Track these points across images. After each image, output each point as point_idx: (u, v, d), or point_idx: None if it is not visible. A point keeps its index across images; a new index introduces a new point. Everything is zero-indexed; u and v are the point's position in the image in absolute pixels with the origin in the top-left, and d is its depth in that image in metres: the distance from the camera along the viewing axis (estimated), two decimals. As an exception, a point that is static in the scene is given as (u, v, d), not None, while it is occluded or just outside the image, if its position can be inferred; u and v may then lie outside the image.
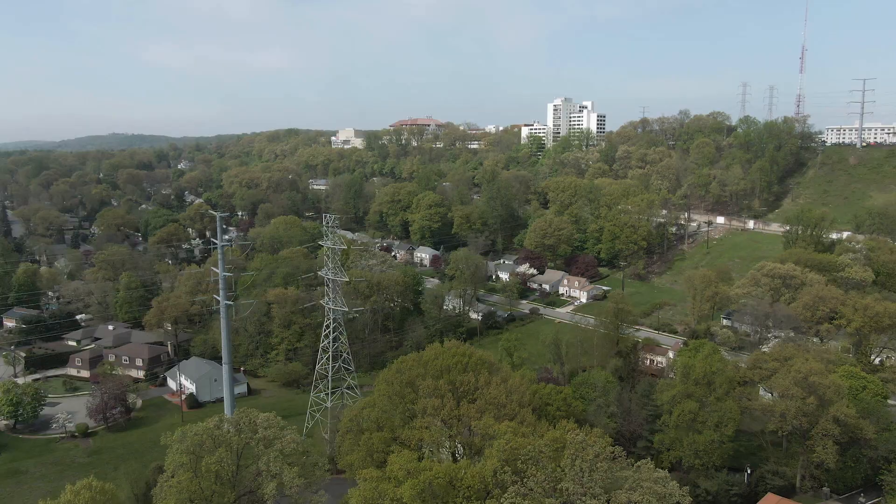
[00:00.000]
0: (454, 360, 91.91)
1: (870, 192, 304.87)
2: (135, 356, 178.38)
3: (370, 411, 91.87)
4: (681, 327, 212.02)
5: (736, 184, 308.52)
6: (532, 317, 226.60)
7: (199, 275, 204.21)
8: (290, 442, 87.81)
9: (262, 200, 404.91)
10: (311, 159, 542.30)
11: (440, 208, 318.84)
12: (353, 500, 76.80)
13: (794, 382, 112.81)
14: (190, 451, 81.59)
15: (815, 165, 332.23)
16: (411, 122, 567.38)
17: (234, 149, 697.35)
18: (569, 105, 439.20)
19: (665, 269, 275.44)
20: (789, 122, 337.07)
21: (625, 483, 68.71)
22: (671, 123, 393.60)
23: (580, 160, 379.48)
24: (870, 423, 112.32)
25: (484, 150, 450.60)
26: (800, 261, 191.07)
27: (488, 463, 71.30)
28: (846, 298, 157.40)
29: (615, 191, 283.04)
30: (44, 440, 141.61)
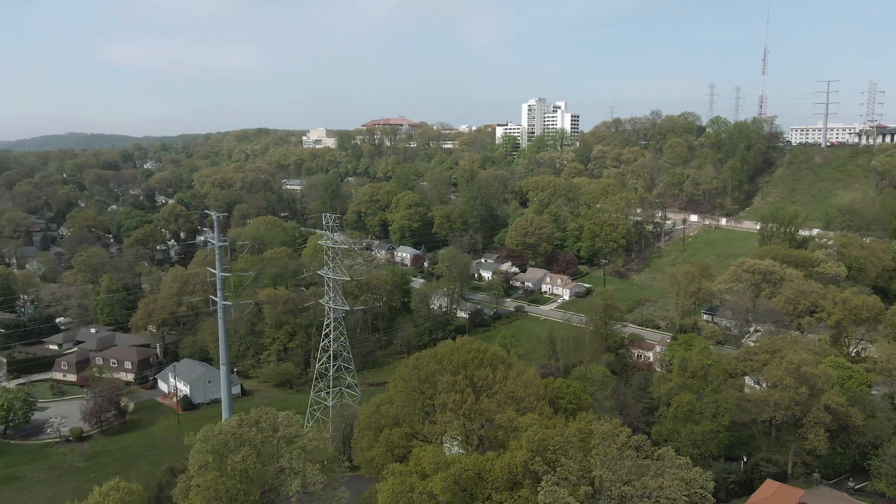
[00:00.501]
0: (470, 356, 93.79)
1: (835, 191, 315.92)
2: (123, 359, 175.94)
3: (388, 408, 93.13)
4: (663, 323, 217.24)
5: (709, 183, 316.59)
6: (518, 314, 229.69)
7: (185, 276, 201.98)
8: (311, 440, 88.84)
9: (237, 201, 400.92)
10: (283, 159, 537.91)
11: (420, 208, 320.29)
12: (381, 495, 78.08)
13: (786, 373, 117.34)
14: (215, 450, 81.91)
15: (783, 165, 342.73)
16: (384, 121, 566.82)
17: (203, 149, 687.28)
18: (543, 105, 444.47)
19: (643, 266, 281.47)
20: (758, 122, 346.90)
21: (649, 470, 71.43)
22: (643, 123, 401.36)
23: (555, 160, 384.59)
24: (857, 411, 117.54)
25: (459, 150, 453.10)
26: (777, 257, 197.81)
27: (518, 454, 73.33)
28: (826, 292, 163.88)
29: (594, 190, 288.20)
30: (37, 445, 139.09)
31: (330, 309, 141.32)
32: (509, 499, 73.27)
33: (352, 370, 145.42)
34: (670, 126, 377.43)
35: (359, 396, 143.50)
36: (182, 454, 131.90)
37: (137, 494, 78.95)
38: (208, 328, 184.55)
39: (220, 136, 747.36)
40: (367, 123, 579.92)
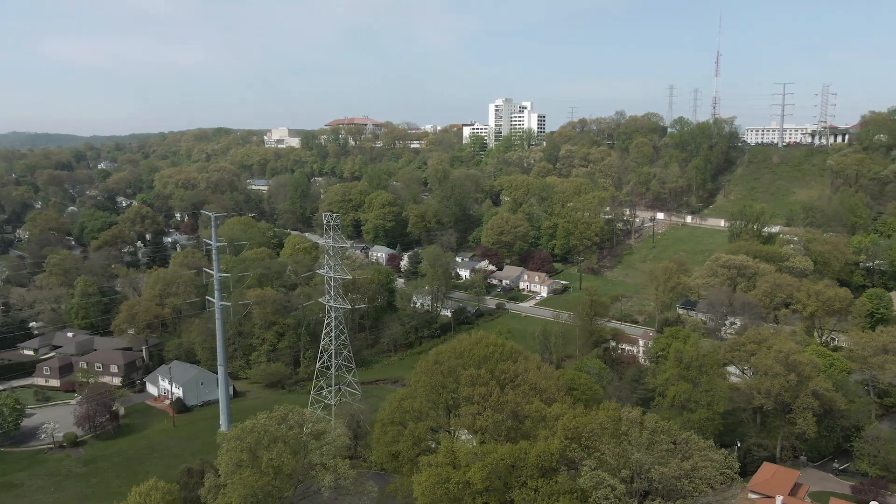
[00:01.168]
0: (490, 350, 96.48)
1: (793, 189, 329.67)
2: (109, 363, 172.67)
3: (411, 402, 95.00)
4: (641, 317, 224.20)
5: (674, 181, 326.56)
6: (499, 311, 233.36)
7: (168, 277, 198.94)
8: (339, 436, 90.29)
9: (203, 201, 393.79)
10: (246, 159, 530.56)
11: (393, 207, 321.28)
12: (417, 487, 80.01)
13: (775, 361, 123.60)
14: (249, 447, 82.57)
15: (743, 164, 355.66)
16: (348, 121, 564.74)
17: (160, 149, 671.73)
18: (509, 105, 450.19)
19: (615, 263, 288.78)
20: (719, 123, 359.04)
21: (677, 453, 75.32)
22: (608, 124, 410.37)
23: (524, 159, 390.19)
24: (841, 396, 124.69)
25: (427, 150, 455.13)
26: (748, 252, 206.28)
27: (553, 442, 76.32)
28: (800, 285, 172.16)
29: (567, 189, 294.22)
30: (30, 452, 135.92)
31: (331, 308, 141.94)
32: (545, 485, 76.14)
33: (352, 368, 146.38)
34: (634, 126, 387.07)
35: (359, 394, 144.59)
36: (182, 457, 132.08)
37: (174, 494, 79.00)
38: (196, 330, 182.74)
39: (176, 135, 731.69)
40: (331, 123, 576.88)
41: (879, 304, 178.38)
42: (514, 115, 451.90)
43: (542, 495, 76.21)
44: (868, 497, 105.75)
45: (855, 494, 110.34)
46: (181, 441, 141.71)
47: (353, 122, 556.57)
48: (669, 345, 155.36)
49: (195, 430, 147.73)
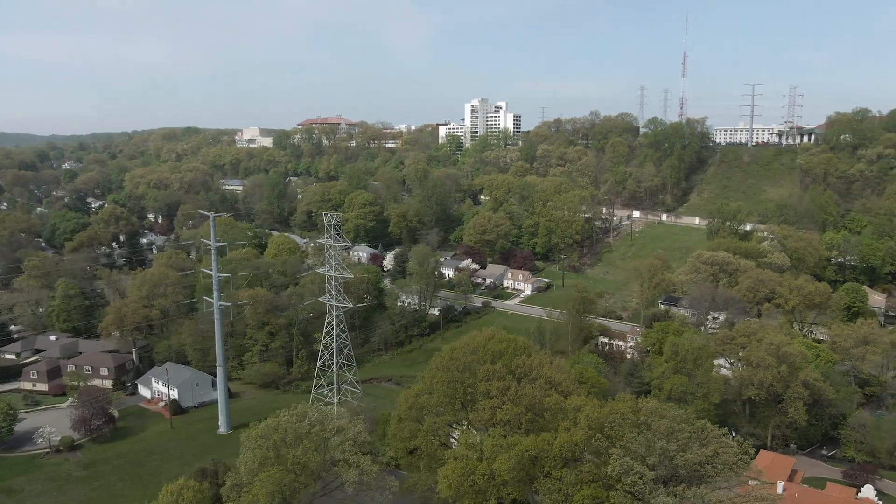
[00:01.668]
0: (504, 346, 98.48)
1: (763, 187, 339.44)
2: (98, 365, 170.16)
3: (428, 398, 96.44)
4: (625, 314, 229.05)
5: (650, 180, 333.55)
6: (486, 309, 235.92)
7: (154, 278, 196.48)
8: (360, 432, 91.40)
9: (177, 202, 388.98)
10: (218, 159, 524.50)
11: (374, 207, 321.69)
12: (443, 480, 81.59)
13: (767, 353, 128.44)
14: (275, 445, 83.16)
15: (715, 163, 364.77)
16: (321, 120, 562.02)
17: (127, 148, 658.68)
18: (485, 105, 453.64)
19: (595, 261, 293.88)
20: (691, 123, 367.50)
21: (695, 440, 78.31)
22: (582, 123, 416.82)
23: (501, 158, 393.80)
24: (829, 385, 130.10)
25: (403, 150, 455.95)
26: (728, 249, 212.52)
27: (577, 433, 78.64)
28: (782, 280, 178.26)
29: (547, 188, 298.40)
30: (26, 456, 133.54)
31: (332, 307, 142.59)
32: (568, 475, 78.45)
33: (353, 367, 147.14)
34: (609, 126, 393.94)
35: (360, 392, 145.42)
36: (183, 458, 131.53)
37: (205, 492, 79.24)
38: (186, 331, 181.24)
39: (143, 134, 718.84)
40: (304, 122, 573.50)
41: (856, 297, 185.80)
42: (490, 115, 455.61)
43: (565, 484, 78.59)
44: (859, 482, 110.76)
45: (846, 479, 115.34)
46: (180, 443, 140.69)
47: (326, 122, 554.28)
48: (660, 339, 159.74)
49: (193, 432, 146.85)
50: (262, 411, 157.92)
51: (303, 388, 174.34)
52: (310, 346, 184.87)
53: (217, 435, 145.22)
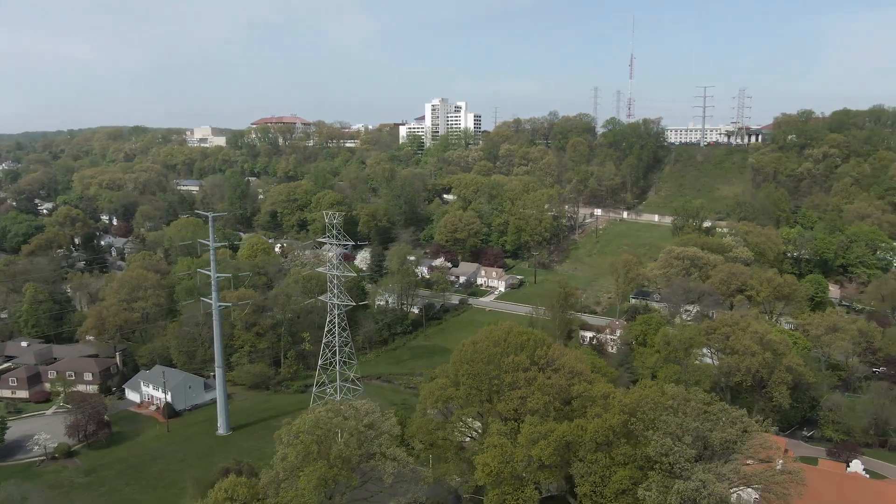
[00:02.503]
0: (525, 338, 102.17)
1: (717, 185, 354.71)
2: (82, 370, 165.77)
3: (454, 390, 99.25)
4: (599, 308, 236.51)
5: (611, 179, 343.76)
6: (463, 307, 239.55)
7: (134, 280, 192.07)
8: (393, 426, 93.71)
9: (133, 203, 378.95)
10: (170, 159, 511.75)
11: (342, 207, 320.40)
12: (482, 468, 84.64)
13: (753, 341, 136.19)
14: (318, 440, 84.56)
15: (670, 162, 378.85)
16: (276, 120, 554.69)
17: (69, 148, 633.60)
18: (446, 105, 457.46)
19: (563, 257, 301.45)
20: (648, 123, 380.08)
21: (719, 421, 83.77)
22: (541, 123, 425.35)
23: (463, 158, 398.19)
24: (809, 370, 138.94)
25: (363, 149, 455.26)
26: (696, 244, 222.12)
27: (612, 417, 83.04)
28: (752, 273, 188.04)
29: (516, 186, 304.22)
30: (21, 465, 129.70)
31: (334, 305, 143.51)
32: (604, 458, 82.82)
33: (354, 364, 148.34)
34: (568, 126, 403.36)
35: (361, 390, 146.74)
36: (187, 461, 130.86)
37: (256, 488, 79.91)
38: (172, 333, 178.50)
39: (86, 133, 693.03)
40: (258, 122, 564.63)
41: (818, 288, 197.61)
42: (450, 115, 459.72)
43: (599, 467, 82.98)
44: (846, 458, 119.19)
45: (831, 457, 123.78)
46: (180, 446, 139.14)
47: (281, 121, 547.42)
48: (644, 332, 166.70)
49: (190, 434, 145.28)
50: (257, 412, 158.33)
51: (293, 388, 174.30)
52: (297, 345, 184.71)
53: (216, 437, 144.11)
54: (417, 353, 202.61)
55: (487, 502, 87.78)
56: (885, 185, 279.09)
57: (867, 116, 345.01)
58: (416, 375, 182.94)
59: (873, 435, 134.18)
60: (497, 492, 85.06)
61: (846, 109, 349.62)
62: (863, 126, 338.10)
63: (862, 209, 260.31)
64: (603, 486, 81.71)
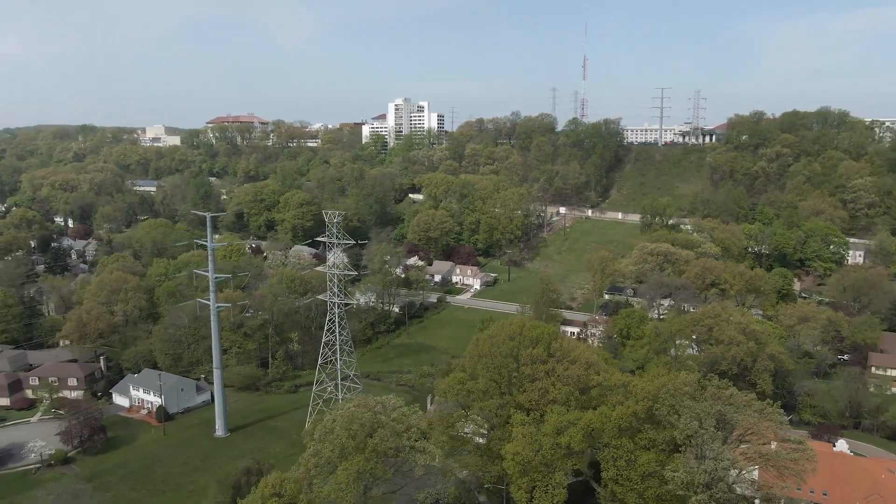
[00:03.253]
0: (539, 332, 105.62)
1: (675, 184, 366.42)
2: (66, 376, 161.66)
3: (474, 384, 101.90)
4: (574, 303, 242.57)
5: (576, 178, 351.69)
6: (442, 305, 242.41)
7: (113, 283, 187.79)
8: (420, 419, 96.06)
9: (90, 204, 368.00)
10: (123, 158, 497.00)
11: (311, 206, 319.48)
12: (513, 457, 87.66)
13: (737, 331, 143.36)
14: (355, 434, 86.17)
15: (631, 161, 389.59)
16: (233, 119, 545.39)
17: (11, 148, 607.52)
18: (409, 105, 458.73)
19: (534, 255, 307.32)
20: (609, 123, 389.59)
21: (735, 405, 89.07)
22: (504, 123, 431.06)
23: (428, 157, 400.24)
24: (788, 357, 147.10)
25: (326, 149, 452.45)
26: (666, 240, 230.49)
27: (635, 404, 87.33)
28: (726, 267, 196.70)
29: (486, 186, 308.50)
30: (16, 473, 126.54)
31: (334, 304, 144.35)
32: (628, 443, 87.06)
33: (354, 363, 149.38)
34: (531, 126, 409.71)
35: (360, 388, 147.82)
36: (191, 464, 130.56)
37: (301, 483, 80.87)
38: (157, 336, 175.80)
39: (29, 132, 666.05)
40: (214, 120, 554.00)
41: (785, 282, 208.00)
42: (414, 115, 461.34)
43: (624, 451, 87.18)
44: (830, 439, 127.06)
45: (815, 438, 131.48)
46: (179, 449, 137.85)
47: (238, 120, 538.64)
48: (627, 325, 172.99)
49: (188, 437, 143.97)
50: (252, 413, 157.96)
51: (284, 388, 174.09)
52: (286, 346, 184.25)
53: (215, 439, 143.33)
54: (402, 351, 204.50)
55: (515, 490, 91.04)
56: (835, 182, 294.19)
57: (814, 118, 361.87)
58: (406, 373, 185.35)
59: (848, 417, 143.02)
60: (526, 479, 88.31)
61: (795, 111, 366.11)
62: (811, 127, 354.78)
63: (816, 206, 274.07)
64: (629, 470, 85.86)
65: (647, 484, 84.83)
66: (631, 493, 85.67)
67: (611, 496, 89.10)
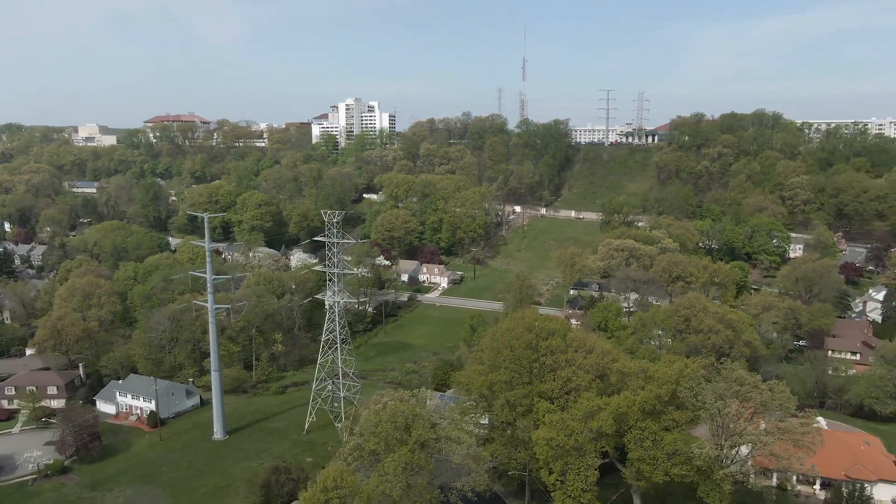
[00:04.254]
0: (555, 324, 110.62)
1: (623, 182, 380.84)
2: (45, 384, 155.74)
3: (497, 375, 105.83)
4: (542, 299, 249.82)
5: (530, 177, 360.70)
6: (414, 303, 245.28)
7: (87, 288, 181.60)
8: (452, 410, 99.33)
9: (29, 206, 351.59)
10: (58, 159, 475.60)
11: (270, 207, 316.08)
12: (545, 443, 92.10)
13: (715, 320, 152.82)
14: (402, 427, 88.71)
15: (580, 161, 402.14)
16: (173, 118, 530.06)
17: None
18: (360, 105, 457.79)
19: (495, 253, 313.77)
20: (558, 124, 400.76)
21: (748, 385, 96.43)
22: (455, 123, 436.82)
23: (382, 157, 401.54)
24: (761, 344, 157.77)
25: (276, 148, 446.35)
26: (628, 237, 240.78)
27: (661, 387, 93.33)
28: (690, 261, 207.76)
29: (448, 185, 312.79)
30: (12, 485, 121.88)
31: (334, 303, 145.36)
32: (653, 425, 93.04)
33: (353, 361, 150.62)
34: (483, 126, 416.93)
35: (359, 386, 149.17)
36: (195, 467, 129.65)
37: (354, 475, 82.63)
38: (137, 341, 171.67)
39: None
40: (153, 120, 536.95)
41: (742, 274, 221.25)
42: (365, 115, 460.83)
43: (650, 433, 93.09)
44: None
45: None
46: (179, 453, 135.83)
47: (179, 119, 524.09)
48: (605, 318, 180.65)
49: (186, 441, 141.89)
50: (247, 415, 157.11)
51: (272, 390, 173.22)
52: (268, 347, 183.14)
53: (214, 442, 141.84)
54: (382, 349, 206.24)
55: (545, 474, 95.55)
56: (774, 181, 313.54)
57: (751, 119, 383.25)
58: (390, 370, 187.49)
59: (815, 397, 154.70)
60: (560, 463, 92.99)
61: (733, 113, 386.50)
62: (747, 128, 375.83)
63: (759, 202, 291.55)
64: (655, 450, 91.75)
65: (673, 461, 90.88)
66: (657, 470, 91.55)
67: (636, 475, 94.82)
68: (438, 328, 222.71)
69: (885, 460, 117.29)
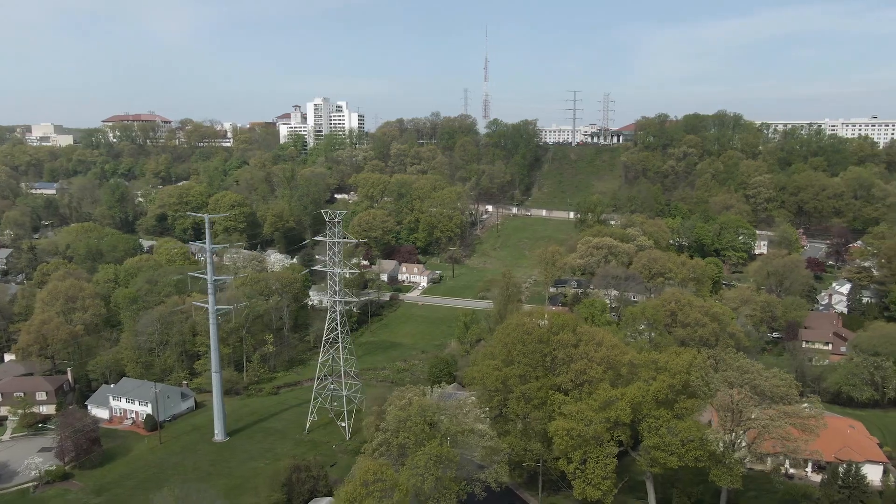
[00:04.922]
0: (563, 318, 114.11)
1: (591, 181, 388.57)
2: (33, 390, 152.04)
3: (511, 369, 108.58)
4: (523, 297, 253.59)
5: (502, 177, 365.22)
6: (396, 302, 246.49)
7: (71, 291, 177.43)
8: (474, 404, 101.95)
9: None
10: (12, 159, 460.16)
11: (243, 208, 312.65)
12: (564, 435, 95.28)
13: (701, 314, 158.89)
14: (429, 421, 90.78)
15: (549, 161, 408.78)
16: (133, 117, 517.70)
17: None
18: (328, 105, 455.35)
19: (471, 252, 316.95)
20: (528, 124, 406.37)
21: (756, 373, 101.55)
22: (424, 124, 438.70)
23: (352, 157, 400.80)
24: (745, 335, 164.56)
25: (243, 148, 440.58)
26: (605, 235, 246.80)
27: (674, 377, 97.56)
28: (669, 258, 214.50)
29: (424, 185, 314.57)
30: (13, 493, 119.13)
31: (335, 302, 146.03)
32: (666, 413, 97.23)
33: (354, 360, 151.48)
34: (453, 126, 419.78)
35: (360, 384, 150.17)
36: (201, 469, 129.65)
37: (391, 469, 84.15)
38: (126, 344, 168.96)
39: None
40: (112, 119, 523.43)
41: (717, 270, 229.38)
42: (333, 115, 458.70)
43: (664, 421, 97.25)
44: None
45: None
46: (182, 455, 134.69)
47: (139, 119, 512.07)
48: (591, 314, 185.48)
49: (187, 444, 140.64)
50: (244, 417, 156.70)
51: (266, 391, 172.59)
52: (259, 348, 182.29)
53: (215, 443, 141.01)
54: (370, 349, 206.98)
55: (563, 463, 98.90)
56: (738, 179, 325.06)
57: (713, 120, 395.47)
58: (381, 369, 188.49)
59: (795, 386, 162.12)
60: (579, 452, 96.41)
61: (696, 114, 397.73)
62: (710, 128, 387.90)
63: (725, 201, 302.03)
64: (670, 437, 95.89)
65: (687, 448, 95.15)
66: (672, 457, 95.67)
67: (650, 462, 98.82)
68: (424, 326, 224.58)
69: (869, 442, 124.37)
